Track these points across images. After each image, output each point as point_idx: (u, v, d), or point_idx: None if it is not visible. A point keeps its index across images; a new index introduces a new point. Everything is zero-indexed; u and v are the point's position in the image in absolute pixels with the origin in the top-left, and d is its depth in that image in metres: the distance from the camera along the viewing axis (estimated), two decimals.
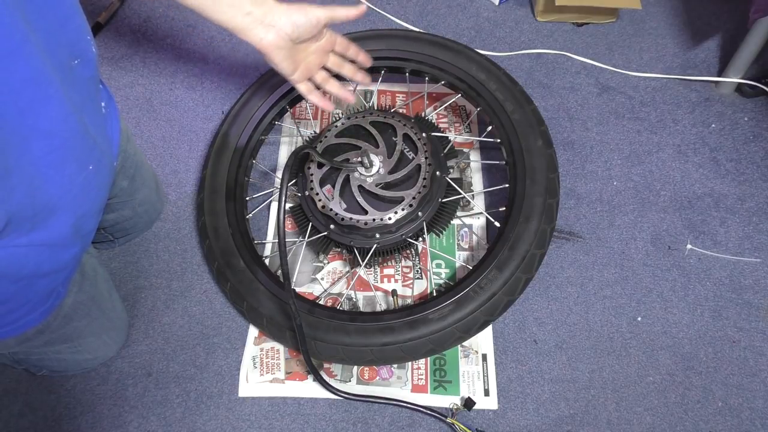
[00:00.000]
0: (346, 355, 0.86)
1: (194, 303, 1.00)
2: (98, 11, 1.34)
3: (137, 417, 0.91)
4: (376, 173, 0.93)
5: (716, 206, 1.07)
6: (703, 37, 1.29)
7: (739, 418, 0.89)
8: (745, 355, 0.94)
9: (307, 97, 0.86)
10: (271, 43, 0.75)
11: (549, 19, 1.33)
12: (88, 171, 0.68)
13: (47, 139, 0.60)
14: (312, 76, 0.85)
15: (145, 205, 1.01)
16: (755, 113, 1.17)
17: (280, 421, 0.90)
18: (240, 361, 0.95)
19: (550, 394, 0.91)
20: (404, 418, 0.89)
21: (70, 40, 0.63)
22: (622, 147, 1.14)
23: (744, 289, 0.99)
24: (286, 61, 0.78)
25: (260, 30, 0.74)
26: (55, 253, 0.68)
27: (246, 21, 0.73)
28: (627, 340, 0.95)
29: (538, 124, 0.95)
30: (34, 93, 0.56)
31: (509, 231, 0.88)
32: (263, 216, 1.09)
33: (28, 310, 0.73)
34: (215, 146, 1.04)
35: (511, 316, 0.97)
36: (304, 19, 0.76)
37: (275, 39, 0.75)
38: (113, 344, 0.93)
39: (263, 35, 0.74)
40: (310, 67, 0.83)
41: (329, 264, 1.03)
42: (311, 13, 0.77)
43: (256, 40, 0.75)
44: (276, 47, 0.76)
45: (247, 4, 0.72)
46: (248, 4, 0.73)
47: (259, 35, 0.74)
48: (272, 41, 0.75)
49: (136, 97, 1.24)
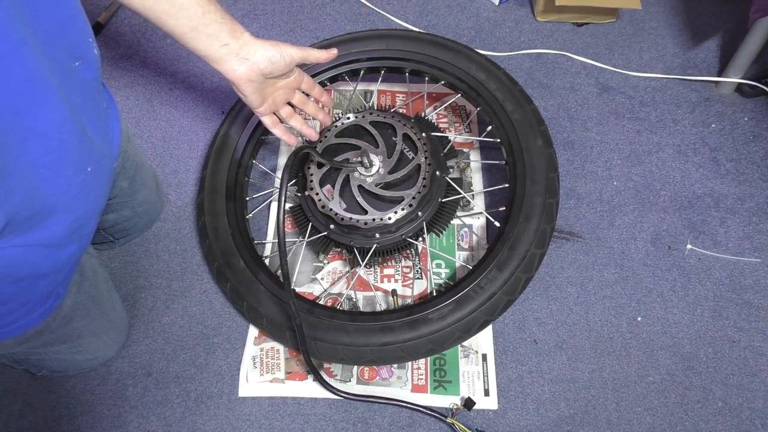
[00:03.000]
0: (346, 355, 0.86)
1: (194, 303, 1.00)
2: (98, 11, 1.34)
3: (137, 417, 0.91)
4: (376, 173, 0.93)
5: (716, 206, 1.07)
6: (703, 37, 1.29)
7: (739, 418, 0.89)
8: (745, 355, 0.93)
9: (272, 129, 0.89)
10: (242, 75, 0.77)
11: (549, 19, 1.33)
12: (86, 173, 0.68)
13: (45, 140, 0.60)
14: (277, 111, 0.88)
15: (145, 205, 1.01)
16: (755, 113, 1.17)
17: (280, 421, 0.90)
18: (240, 361, 0.95)
19: (550, 394, 0.91)
20: (404, 418, 0.89)
21: (71, 42, 0.63)
22: (622, 147, 1.14)
23: (744, 289, 0.99)
24: (255, 94, 0.80)
25: (234, 62, 0.76)
26: (52, 254, 0.68)
27: (222, 52, 0.75)
28: (627, 340, 0.95)
29: (538, 124, 0.95)
30: (32, 95, 0.56)
31: (509, 231, 0.88)
32: (263, 216, 1.09)
33: (28, 311, 0.73)
34: (215, 146, 1.04)
35: (511, 316, 0.97)
36: (279, 56, 0.78)
37: (247, 72, 0.77)
38: (113, 344, 0.94)
39: (236, 67, 0.76)
40: (277, 102, 0.86)
41: (329, 264, 1.03)
42: (286, 52, 0.79)
43: (229, 71, 0.76)
44: (247, 80, 0.78)
45: (225, 36, 0.74)
46: (226, 36, 0.74)
47: (233, 67, 0.76)
48: (244, 74, 0.77)
49: (136, 97, 1.24)
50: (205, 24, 0.72)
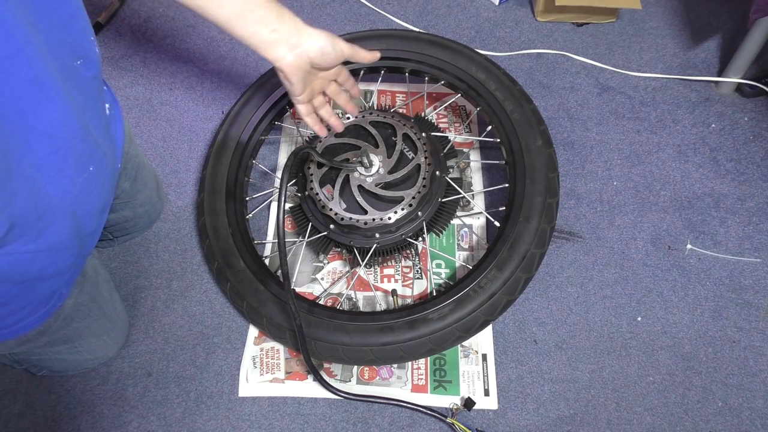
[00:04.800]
0: (346, 355, 0.86)
1: (194, 303, 1.00)
2: (98, 11, 1.34)
3: (137, 417, 0.91)
4: (376, 173, 0.93)
5: (716, 206, 1.07)
6: (703, 37, 1.29)
7: (739, 418, 0.89)
8: (745, 355, 0.93)
9: (305, 118, 0.86)
10: (291, 63, 0.74)
11: (549, 19, 1.33)
12: (88, 172, 0.68)
13: (48, 140, 0.60)
14: (313, 99, 0.86)
15: (146, 205, 1.01)
16: (755, 113, 1.17)
17: (280, 421, 0.90)
18: (240, 361, 0.95)
19: (550, 394, 0.91)
20: (404, 418, 0.89)
21: (73, 41, 0.63)
22: (622, 147, 1.14)
23: (744, 289, 0.99)
24: (300, 83, 0.78)
25: (284, 49, 0.73)
26: (58, 256, 0.68)
27: (271, 38, 0.72)
28: (627, 340, 0.95)
29: (538, 124, 0.95)
30: (36, 94, 0.56)
31: (509, 231, 0.88)
32: (263, 216, 1.09)
33: (30, 312, 0.73)
34: (215, 146, 1.04)
35: (511, 316, 0.97)
36: (330, 48, 0.75)
37: (296, 60, 0.74)
38: (113, 344, 0.94)
39: (286, 54, 0.73)
40: (315, 90, 0.84)
41: (329, 264, 1.03)
42: (338, 46, 0.76)
43: (278, 59, 0.73)
44: (296, 68, 0.75)
45: (273, 21, 0.71)
46: (274, 21, 0.71)
47: (282, 54, 0.73)
48: (292, 62, 0.74)
49: (136, 97, 1.24)
50: (250, 9, 0.70)
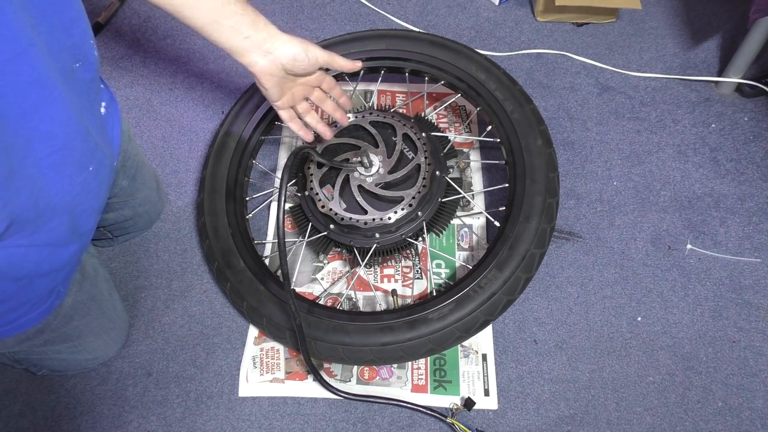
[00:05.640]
0: (346, 355, 0.86)
1: (194, 303, 1.00)
2: (98, 11, 1.34)
3: (137, 417, 0.91)
4: (376, 173, 0.93)
5: (716, 206, 1.07)
6: (703, 37, 1.29)
7: (739, 418, 0.89)
8: (745, 355, 0.93)
9: (288, 124, 0.87)
10: (263, 68, 0.76)
11: (549, 19, 1.33)
12: (88, 172, 0.68)
13: (50, 140, 0.60)
14: (295, 105, 0.87)
15: (145, 205, 1.01)
16: (755, 113, 1.17)
17: (280, 421, 0.90)
18: (240, 361, 0.95)
19: (550, 394, 0.91)
20: (404, 418, 0.89)
21: (73, 44, 0.64)
22: (622, 147, 1.14)
23: (744, 289, 0.99)
24: (274, 88, 0.80)
25: (256, 54, 0.75)
26: (54, 253, 0.69)
27: (244, 44, 0.74)
28: (627, 340, 0.95)
29: (538, 124, 0.95)
30: (39, 95, 0.57)
31: (509, 231, 0.88)
32: (263, 216, 1.09)
33: (28, 309, 0.73)
34: (215, 146, 1.04)
35: (511, 316, 0.97)
36: (303, 55, 0.77)
37: (269, 66, 0.76)
38: (113, 344, 0.94)
39: (258, 59, 0.75)
40: (295, 97, 0.85)
41: (329, 264, 1.03)
42: (312, 52, 0.78)
43: (251, 63, 0.76)
44: (269, 73, 0.77)
45: (246, 28, 0.73)
46: (247, 28, 0.73)
47: (254, 59, 0.75)
48: (265, 67, 0.76)
49: (136, 97, 1.24)
50: (225, 15, 0.72)
